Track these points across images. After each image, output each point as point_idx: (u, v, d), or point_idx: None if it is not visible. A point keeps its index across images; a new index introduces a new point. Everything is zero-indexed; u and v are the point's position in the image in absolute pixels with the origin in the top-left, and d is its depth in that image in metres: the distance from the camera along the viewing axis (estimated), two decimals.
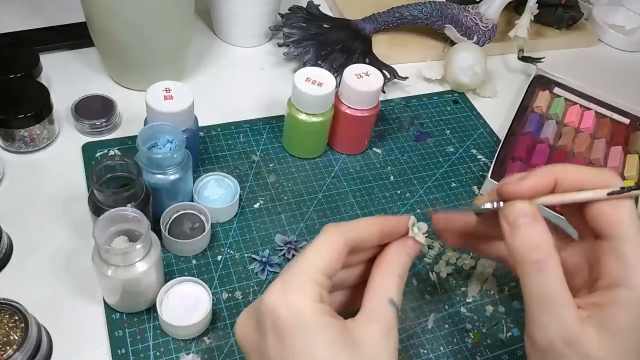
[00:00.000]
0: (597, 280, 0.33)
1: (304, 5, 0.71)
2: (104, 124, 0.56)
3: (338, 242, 0.33)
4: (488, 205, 0.36)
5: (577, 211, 0.35)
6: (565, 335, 0.31)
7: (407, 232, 0.36)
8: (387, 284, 0.34)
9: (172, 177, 0.46)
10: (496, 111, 0.69)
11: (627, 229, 0.32)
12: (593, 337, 0.31)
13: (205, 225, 0.48)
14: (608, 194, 0.33)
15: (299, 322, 0.30)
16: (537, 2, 0.72)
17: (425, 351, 0.45)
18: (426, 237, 0.37)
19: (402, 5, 0.72)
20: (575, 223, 0.37)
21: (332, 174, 0.57)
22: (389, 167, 0.59)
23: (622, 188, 0.33)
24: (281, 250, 0.50)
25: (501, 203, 0.35)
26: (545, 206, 0.35)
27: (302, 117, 0.54)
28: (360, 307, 0.33)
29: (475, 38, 0.71)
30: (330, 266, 0.32)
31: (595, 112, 0.68)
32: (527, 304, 0.33)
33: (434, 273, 0.50)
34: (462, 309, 0.48)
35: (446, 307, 0.48)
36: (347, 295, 0.38)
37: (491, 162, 0.59)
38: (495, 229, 0.36)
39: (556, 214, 0.52)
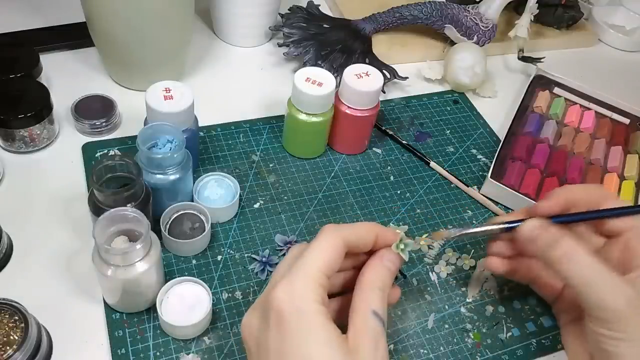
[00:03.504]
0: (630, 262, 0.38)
1: (304, 5, 0.71)
2: (104, 124, 0.56)
3: (338, 243, 0.35)
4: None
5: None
6: (628, 296, 0.35)
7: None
8: (369, 298, 0.35)
9: (172, 177, 0.46)
10: (496, 111, 0.69)
11: None
12: None
13: (205, 225, 0.48)
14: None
15: (300, 320, 0.32)
16: (537, 2, 0.72)
17: (425, 351, 0.45)
18: (424, 241, 0.39)
19: (402, 5, 0.72)
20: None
21: (332, 174, 0.57)
22: (389, 167, 0.59)
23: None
24: (281, 250, 0.50)
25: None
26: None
27: (302, 117, 0.54)
28: (347, 322, 0.35)
29: (475, 38, 0.71)
30: (330, 266, 0.34)
31: (595, 112, 0.68)
32: (578, 293, 0.36)
33: (434, 273, 0.50)
34: (462, 309, 0.48)
35: (446, 307, 0.48)
36: (337, 304, 0.39)
37: (491, 162, 0.59)
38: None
39: None
